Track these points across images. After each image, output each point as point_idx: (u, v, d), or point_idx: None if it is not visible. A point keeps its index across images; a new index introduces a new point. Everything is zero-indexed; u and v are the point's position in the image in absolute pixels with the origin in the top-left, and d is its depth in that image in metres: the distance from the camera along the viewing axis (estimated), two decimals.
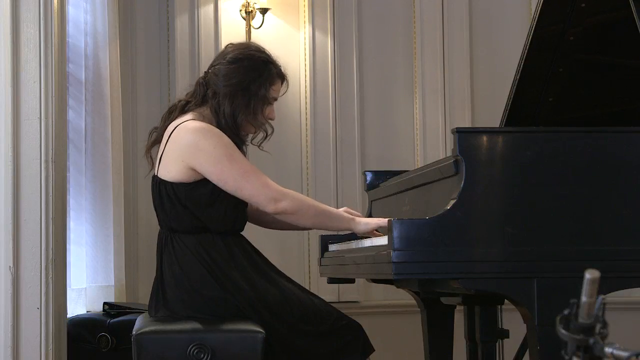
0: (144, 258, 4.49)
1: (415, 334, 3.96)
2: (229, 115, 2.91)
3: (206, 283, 2.85)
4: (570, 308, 1.41)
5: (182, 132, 2.88)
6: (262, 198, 2.86)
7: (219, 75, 2.94)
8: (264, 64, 2.97)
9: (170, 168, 2.89)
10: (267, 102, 2.98)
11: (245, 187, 2.85)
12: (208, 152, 2.84)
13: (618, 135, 2.69)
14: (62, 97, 3.34)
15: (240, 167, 2.85)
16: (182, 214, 2.88)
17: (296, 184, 4.79)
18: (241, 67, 2.94)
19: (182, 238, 2.89)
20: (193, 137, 2.86)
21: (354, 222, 3.02)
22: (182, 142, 2.87)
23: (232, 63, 2.95)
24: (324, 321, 2.91)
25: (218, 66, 2.97)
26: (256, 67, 2.95)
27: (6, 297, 3.00)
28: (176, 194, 2.88)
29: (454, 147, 2.62)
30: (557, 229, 2.58)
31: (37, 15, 3.06)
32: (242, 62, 2.95)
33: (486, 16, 5.01)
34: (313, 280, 4.69)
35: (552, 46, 3.38)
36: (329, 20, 4.85)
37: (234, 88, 2.92)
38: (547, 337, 2.53)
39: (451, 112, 4.93)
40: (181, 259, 2.88)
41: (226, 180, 2.85)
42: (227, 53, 3.00)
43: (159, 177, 2.92)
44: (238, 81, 2.92)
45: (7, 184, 3.01)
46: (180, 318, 2.88)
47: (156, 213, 3.00)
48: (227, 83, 2.92)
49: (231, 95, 2.91)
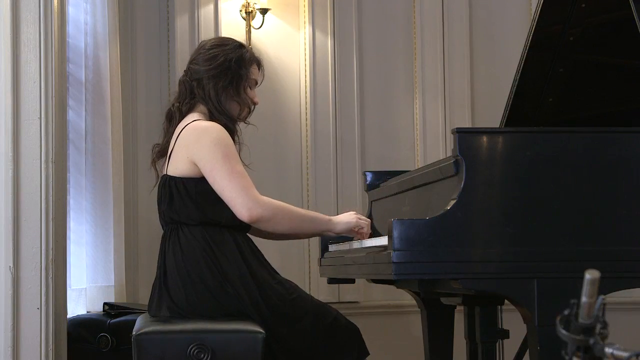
0: (144, 258, 4.49)
1: (415, 334, 3.96)
2: (215, 98, 3.03)
3: (208, 271, 2.88)
4: (570, 308, 1.41)
5: (189, 130, 2.97)
6: (238, 202, 2.88)
7: (199, 63, 3.08)
8: (239, 47, 3.13)
9: (178, 165, 2.96)
10: (248, 82, 3.10)
11: (226, 188, 2.89)
12: (207, 146, 2.90)
13: (618, 135, 2.69)
14: (62, 97, 3.34)
15: (229, 168, 2.89)
16: (192, 209, 2.92)
17: (296, 184, 4.79)
18: (220, 51, 3.09)
19: (189, 229, 2.93)
20: (197, 132, 2.94)
21: (331, 222, 3.08)
22: (188, 139, 2.95)
23: (211, 49, 3.10)
24: (323, 320, 2.93)
25: (197, 57, 3.11)
26: (233, 50, 3.10)
27: (6, 297, 2.99)
28: (186, 189, 2.93)
29: (454, 147, 2.62)
30: (557, 229, 2.58)
31: (37, 15, 3.06)
32: (220, 47, 3.10)
33: (486, 16, 5.01)
34: (313, 280, 4.69)
35: (552, 46, 3.38)
36: (329, 20, 4.85)
37: (215, 70, 3.06)
38: (547, 337, 2.53)
39: (451, 112, 4.92)
40: (185, 247, 2.92)
41: (214, 177, 2.90)
42: (204, 44, 3.16)
43: (168, 175, 2.98)
44: (219, 63, 3.06)
45: (7, 184, 3.01)
46: (180, 317, 2.89)
47: (161, 211, 3.02)
48: (209, 67, 3.06)
49: (214, 77, 3.05)
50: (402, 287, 3.47)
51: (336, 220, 3.09)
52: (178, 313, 2.91)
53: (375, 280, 3.64)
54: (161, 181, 3.03)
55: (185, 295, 2.89)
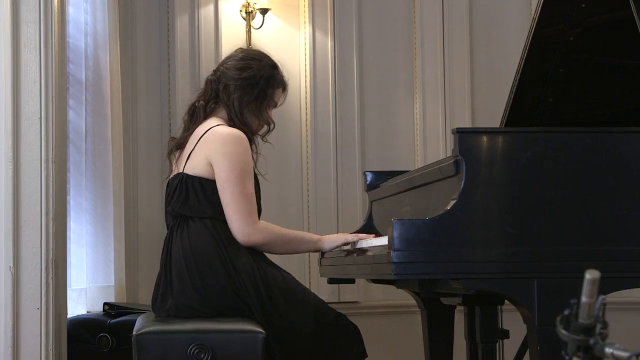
0: (144, 258, 4.49)
1: (415, 334, 3.96)
2: (237, 108, 3.09)
3: (214, 259, 2.92)
4: (570, 308, 1.41)
5: (214, 134, 3.03)
6: (238, 225, 2.97)
7: (230, 70, 3.13)
8: (272, 67, 3.18)
9: (197, 165, 3.02)
10: (272, 102, 3.16)
11: (232, 205, 2.97)
12: (228, 157, 2.98)
13: (618, 136, 2.69)
14: (62, 97, 3.34)
15: (242, 188, 2.97)
16: (206, 206, 2.99)
17: (296, 185, 4.79)
18: (253, 64, 3.14)
19: (200, 221, 2.99)
20: (223, 138, 3.00)
21: (321, 242, 3.20)
22: (212, 142, 3.01)
23: (244, 60, 3.15)
24: (324, 317, 2.95)
25: (230, 62, 3.16)
26: (265, 67, 3.16)
27: (6, 297, 2.99)
28: (203, 188, 3.00)
29: (454, 147, 2.62)
30: (557, 229, 2.58)
31: (37, 15, 3.06)
32: (254, 61, 3.15)
33: (486, 16, 5.01)
34: (313, 280, 4.68)
35: (552, 46, 3.38)
36: (329, 20, 4.84)
37: (244, 82, 3.10)
38: (547, 337, 2.53)
39: (451, 112, 4.92)
40: (194, 235, 2.97)
41: (225, 189, 2.98)
42: (238, 53, 3.21)
43: (185, 173, 3.04)
44: (248, 76, 3.11)
45: (7, 184, 3.01)
46: (181, 316, 2.90)
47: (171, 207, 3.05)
48: (238, 76, 3.11)
49: (241, 88, 3.10)
50: (402, 287, 3.47)
51: (324, 239, 3.21)
52: (182, 304, 2.92)
53: (375, 280, 3.64)
54: (176, 178, 3.06)
55: (191, 284, 2.91)
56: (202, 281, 2.91)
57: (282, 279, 2.98)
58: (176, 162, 3.13)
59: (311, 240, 3.21)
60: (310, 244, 3.21)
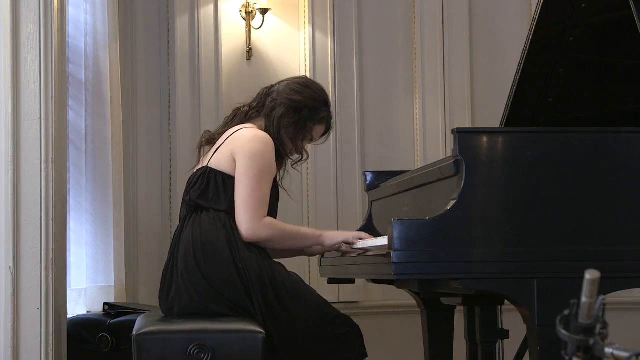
0: (144, 258, 4.49)
1: (415, 334, 3.96)
2: (276, 124, 3.15)
3: (223, 247, 2.95)
4: (570, 308, 1.40)
5: (243, 132, 3.10)
6: (246, 219, 3.00)
7: (284, 88, 3.21)
8: (322, 103, 3.23)
9: (222, 160, 3.08)
10: (309, 135, 3.21)
11: (243, 198, 3.01)
12: (250, 153, 3.03)
13: (618, 136, 2.69)
14: (62, 97, 3.34)
15: (257, 185, 3.01)
16: (223, 200, 3.04)
17: (296, 185, 4.78)
18: (305, 92, 3.20)
19: (214, 212, 3.03)
20: (250, 136, 3.07)
21: (322, 237, 3.21)
22: (239, 139, 3.07)
23: (300, 85, 3.22)
24: (327, 316, 2.97)
25: (288, 82, 3.24)
26: (317, 99, 3.22)
27: (6, 297, 2.99)
28: (225, 183, 3.05)
29: (454, 147, 2.62)
30: (557, 229, 2.58)
31: (37, 15, 3.06)
32: (308, 89, 3.22)
33: (486, 16, 5.01)
34: (313, 280, 4.68)
35: (552, 46, 3.38)
36: (329, 20, 4.84)
37: (290, 103, 3.16)
38: (547, 337, 2.53)
39: (451, 112, 4.92)
40: (205, 224, 3.01)
41: (240, 182, 3.02)
42: (301, 78, 3.37)
43: (209, 167, 3.09)
44: (297, 99, 3.17)
45: (7, 184, 3.01)
46: (181, 316, 2.91)
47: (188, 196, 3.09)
48: (288, 97, 3.17)
49: (286, 108, 3.16)
50: (402, 287, 3.46)
51: (325, 235, 3.21)
52: (188, 291, 2.94)
53: (375, 280, 3.64)
54: (200, 170, 3.12)
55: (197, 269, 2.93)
56: (206, 263, 2.95)
57: (289, 277, 3.02)
58: (204, 156, 3.19)
59: (314, 235, 3.23)
60: (313, 238, 3.22)
